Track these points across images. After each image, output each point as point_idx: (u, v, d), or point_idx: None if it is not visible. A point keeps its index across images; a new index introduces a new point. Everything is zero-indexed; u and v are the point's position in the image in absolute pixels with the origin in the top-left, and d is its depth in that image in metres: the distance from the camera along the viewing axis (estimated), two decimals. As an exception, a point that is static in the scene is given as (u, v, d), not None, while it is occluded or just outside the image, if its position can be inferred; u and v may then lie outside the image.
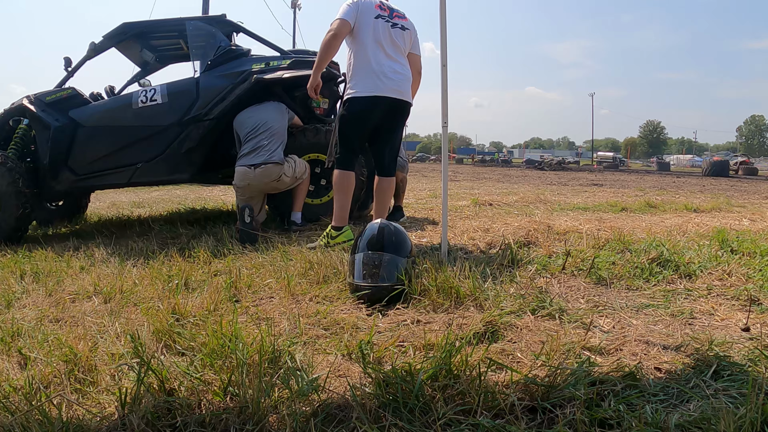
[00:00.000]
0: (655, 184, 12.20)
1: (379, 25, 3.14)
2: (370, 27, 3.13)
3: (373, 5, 3.17)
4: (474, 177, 14.70)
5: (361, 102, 3.14)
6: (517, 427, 1.17)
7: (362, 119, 3.19)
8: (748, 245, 2.67)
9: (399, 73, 3.16)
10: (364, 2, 3.16)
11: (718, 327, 1.77)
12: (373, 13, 3.15)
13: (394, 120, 3.27)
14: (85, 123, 4.27)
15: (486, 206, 5.26)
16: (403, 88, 3.18)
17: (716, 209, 5.37)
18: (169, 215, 5.57)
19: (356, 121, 3.19)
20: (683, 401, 1.27)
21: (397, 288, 2.07)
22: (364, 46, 3.13)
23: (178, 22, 4.56)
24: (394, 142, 3.35)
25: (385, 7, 3.22)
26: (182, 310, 1.97)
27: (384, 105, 3.14)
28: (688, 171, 29.32)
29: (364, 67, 3.14)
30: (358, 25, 3.13)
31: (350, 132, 3.22)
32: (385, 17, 3.17)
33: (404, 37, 3.24)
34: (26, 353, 1.68)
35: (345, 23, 3.10)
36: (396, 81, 3.14)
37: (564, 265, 2.39)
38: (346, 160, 3.23)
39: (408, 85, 3.24)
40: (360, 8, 3.13)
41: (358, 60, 3.17)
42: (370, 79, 3.12)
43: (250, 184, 3.75)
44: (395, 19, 3.21)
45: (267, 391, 1.29)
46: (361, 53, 3.15)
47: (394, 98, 3.15)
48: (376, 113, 3.17)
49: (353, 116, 3.19)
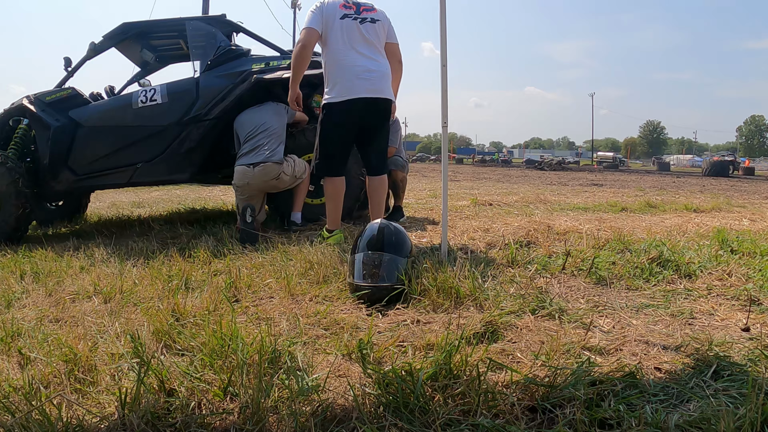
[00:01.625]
0: (655, 184, 12.20)
1: (347, 24, 3.09)
2: (337, 29, 3.08)
3: (338, 5, 3.11)
4: (474, 177, 14.70)
5: (336, 107, 3.12)
6: (517, 427, 1.17)
7: (340, 124, 3.17)
8: (748, 245, 2.67)
9: (373, 71, 3.10)
10: (328, 5, 3.10)
11: (718, 327, 1.77)
12: (339, 14, 3.09)
13: (375, 119, 3.22)
14: (85, 123, 4.27)
15: (486, 206, 5.26)
16: (378, 86, 3.12)
17: (716, 209, 5.37)
18: (169, 215, 5.56)
19: (334, 127, 3.18)
20: (683, 401, 1.27)
21: (397, 288, 2.07)
22: (334, 50, 3.10)
23: (178, 22, 4.56)
24: (378, 142, 3.31)
25: (351, 3, 3.15)
26: (182, 310, 1.97)
27: (360, 107, 3.10)
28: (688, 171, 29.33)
29: (336, 71, 3.12)
30: (326, 29, 3.09)
31: (330, 137, 3.20)
32: (352, 15, 3.11)
33: (376, 30, 3.16)
34: (26, 353, 1.68)
35: (311, 31, 3.07)
36: (370, 80, 3.09)
37: (564, 265, 2.39)
38: (330, 167, 3.22)
39: (385, 81, 3.17)
40: (324, 12, 3.08)
41: (330, 64, 3.15)
42: (343, 82, 3.09)
43: (250, 183, 3.75)
44: (363, 14, 3.13)
45: (267, 391, 1.29)
46: (332, 57, 3.12)
47: (371, 98, 3.10)
48: (353, 116, 3.14)
49: (331, 122, 3.17)
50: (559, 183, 12.00)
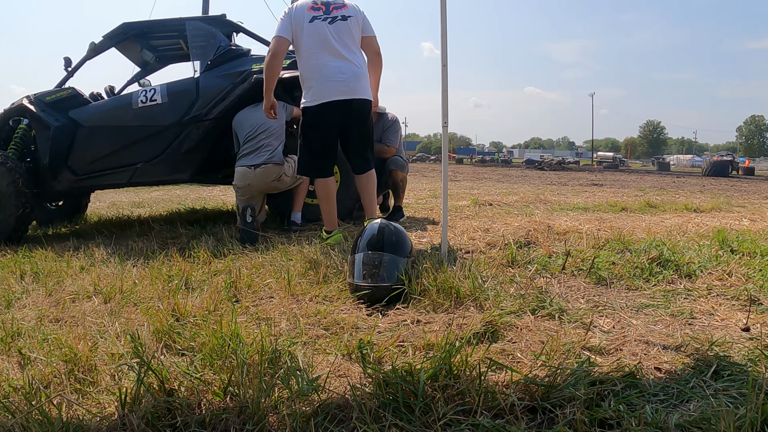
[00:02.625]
0: (655, 184, 12.20)
1: (316, 27, 3.08)
2: (307, 33, 3.08)
3: (305, 8, 3.11)
4: (474, 177, 14.70)
5: (311, 111, 3.15)
6: (517, 427, 1.17)
7: (316, 127, 3.19)
8: (748, 245, 2.67)
9: (345, 73, 3.10)
10: (296, 10, 3.10)
11: (718, 327, 1.77)
12: (307, 18, 3.08)
13: (352, 120, 3.22)
14: (85, 123, 4.27)
15: (486, 206, 5.26)
16: (351, 87, 3.11)
17: (716, 209, 5.37)
18: (169, 215, 5.56)
19: (312, 130, 3.21)
20: (683, 401, 1.27)
21: (397, 288, 2.07)
22: (305, 54, 3.11)
23: (178, 22, 4.56)
24: (358, 141, 3.30)
25: (320, 3, 3.13)
26: (182, 310, 1.97)
27: (334, 109, 3.11)
28: (688, 171, 29.33)
29: (309, 75, 3.14)
30: (296, 34, 3.09)
31: (311, 140, 3.23)
32: (321, 16, 3.10)
33: (349, 27, 3.14)
34: (26, 353, 1.68)
35: (281, 40, 3.09)
36: (343, 81, 3.09)
37: (564, 265, 2.39)
38: (316, 168, 3.24)
39: (359, 80, 3.15)
40: (293, 18, 3.09)
41: (303, 69, 3.17)
42: (316, 86, 3.11)
43: (251, 184, 3.75)
44: (333, 12, 3.12)
45: (267, 391, 1.29)
46: (304, 62, 3.14)
47: (344, 99, 3.10)
48: (328, 119, 3.16)
49: (308, 125, 3.21)
50: (559, 183, 12.00)
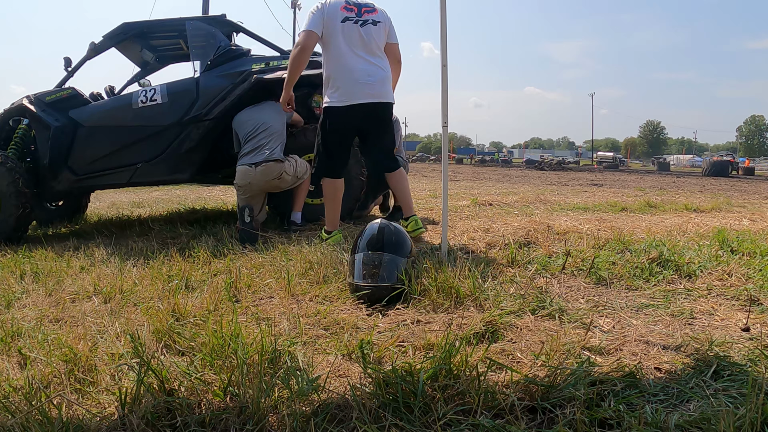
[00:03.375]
0: (655, 184, 12.20)
1: (348, 28, 3.06)
2: (338, 32, 3.05)
3: (339, 7, 3.08)
4: (474, 177, 14.70)
5: (336, 112, 3.12)
6: (517, 427, 1.17)
7: (339, 129, 3.18)
8: (748, 245, 2.67)
9: (373, 76, 3.10)
10: (329, 7, 3.07)
11: (718, 327, 1.77)
12: (340, 17, 3.06)
13: (376, 123, 3.23)
14: (85, 123, 4.27)
15: (486, 206, 5.26)
16: (378, 90, 3.12)
17: (716, 209, 5.36)
18: (169, 215, 5.56)
19: (334, 131, 3.19)
20: (683, 401, 1.27)
21: (397, 288, 2.07)
22: (335, 53, 3.08)
23: (178, 22, 4.56)
24: (382, 143, 3.31)
25: (352, 4, 3.11)
26: (182, 310, 1.97)
27: (360, 112, 3.11)
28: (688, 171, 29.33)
29: (337, 76, 3.10)
30: (326, 32, 3.06)
31: (330, 141, 3.21)
32: (353, 18, 3.08)
33: (378, 32, 3.14)
34: (26, 353, 1.68)
35: (311, 34, 3.05)
36: (371, 85, 3.09)
37: (564, 265, 2.39)
38: (329, 168, 3.23)
39: (386, 84, 3.18)
40: (326, 14, 3.05)
41: (330, 68, 3.13)
42: (344, 87, 3.08)
43: (252, 183, 3.75)
44: (365, 16, 3.11)
45: (267, 391, 1.29)
46: (332, 61, 3.11)
47: (371, 103, 3.10)
48: (353, 121, 3.15)
49: (330, 126, 3.18)
50: (559, 183, 12.00)
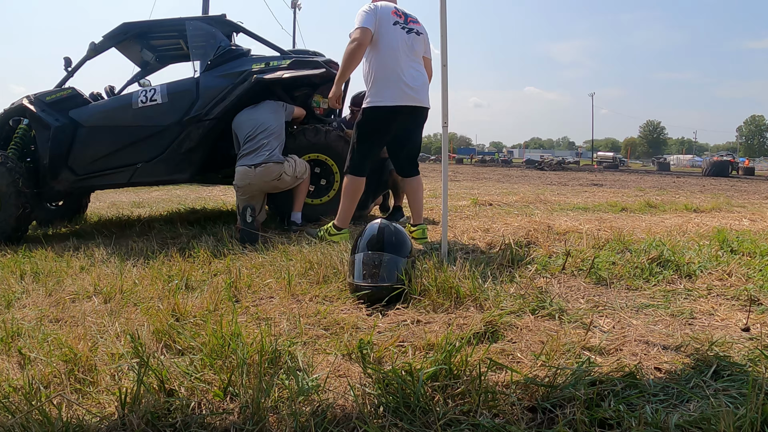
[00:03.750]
0: (655, 184, 12.21)
1: (397, 32, 3.16)
2: (389, 34, 3.14)
3: (390, 11, 3.18)
4: (474, 177, 14.70)
5: (383, 111, 3.16)
6: (517, 427, 1.17)
7: (384, 129, 3.22)
8: (748, 245, 2.68)
9: (417, 80, 3.19)
10: (382, 9, 3.16)
11: (718, 327, 1.77)
12: (391, 20, 3.16)
13: (413, 126, 3.31)
14: (85, 123, 4.27)
15: (486, 206, 5.26)
16: (422, 95, 3.22)
17: (716, 209, 5.37)
18: (169, 215, 5.56)
19: (378, 131, 3.22)
20: (683, 401, 1.27)
21: (397, 288, 2.07)
22: (384, 54, 3.14)
23: (178, 22, 4.56)
24: (412, 146, 3.38)
25: (401, 13, 3.23)
26: (182, 310, 1.97)
27: (405, 113, 3.17)
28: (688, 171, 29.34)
29: (385, 76, 3.15)
30: (378, 32, 3.13)
31: (371, 140, 3.24)
32: (402, 23, 3.19)
33: (420, 42, 3.26)
34: (26, 353, 1.68)
35: (367, 31, 3.10)
36: (416, 89, 3.16)
37: (564, 265, 2.39)
38: (359, 167, 3.25)
39: (426, 90, 3.27)
40: (379, 15, 3.14)
41: (378, 68, 3.16)
42: (391, 88, 3.13)
43: (251, 183, 3.75)
44: (410, 25, 3.22)
45: (267, 391, 1.29)
46: (381, 61, 3.15)
47: (415, 106, 3.18)
48: (397, 122, 3.20)
49: (375, 125, 3.21)
50: (559, 183, 12.01)
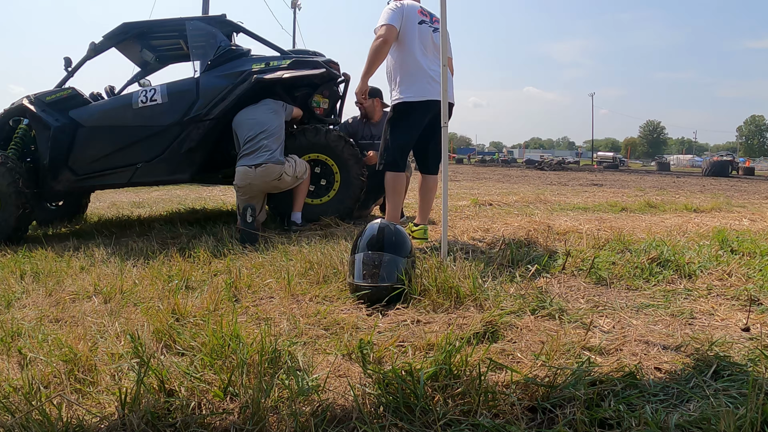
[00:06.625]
0: (655, 184, 12.21)
1: (424, 30, 3.19)
2: (416, 32, 3.17)
3: (416, 10, 3.22)
4: (474, 177, 14.70)
5: (415, 107, 3.19)
6: (517, 427, 1.17)
7: (417, 123, 3.24)
8: (748, 245, 2.68)
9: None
10: (408, 7, 3.19)
11: (718, 327, 1.77)
12: (417, 19, 3.20)
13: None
14: (85, 123, 4.27)
15: (486, 206, 5.26)
16: (450, 92, 3.22)
17: (716, 209, 5.37)
18: (169, 215, 5.56)
19: (411, 126, 3.24)
20: (683, 401, 1.27)
21: (397, 288, 2.07)
22: (411, 51, 3.17)
23: (178, 22, 4.56)
24: (437, 142, 3.36)
25: (426, 12, 3.27)
26: (182, 310, 1.97)
27: (434, 108, 3.18)
28: (688, 171, 29.34)
29: (414, 72, 3.18)
30: (404, 29, 3.17)
31: (405, 135, 3.26)
32: (427, 22, 3.23)
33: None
34: (26, 353, 1.68)
35: (392, 29, 3.13)
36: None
37: (564, 265, 2.39)
38: (396, 162, 3.28)
39: (452, 87, 3.29)
40: (405, 13, 3.17)
41: (406, 65, 3.20)
42: (421, 83, 3.16)
43: (251, 184, 3.75)
44: (435, 24, 3.25)
45: (267, 391, 1.29)
46: (409, 58, 3.19)
47: None
48: (427, 116, 3.22)
49: (408, 120, 3.23)
50: (559, 183, 12.01)
